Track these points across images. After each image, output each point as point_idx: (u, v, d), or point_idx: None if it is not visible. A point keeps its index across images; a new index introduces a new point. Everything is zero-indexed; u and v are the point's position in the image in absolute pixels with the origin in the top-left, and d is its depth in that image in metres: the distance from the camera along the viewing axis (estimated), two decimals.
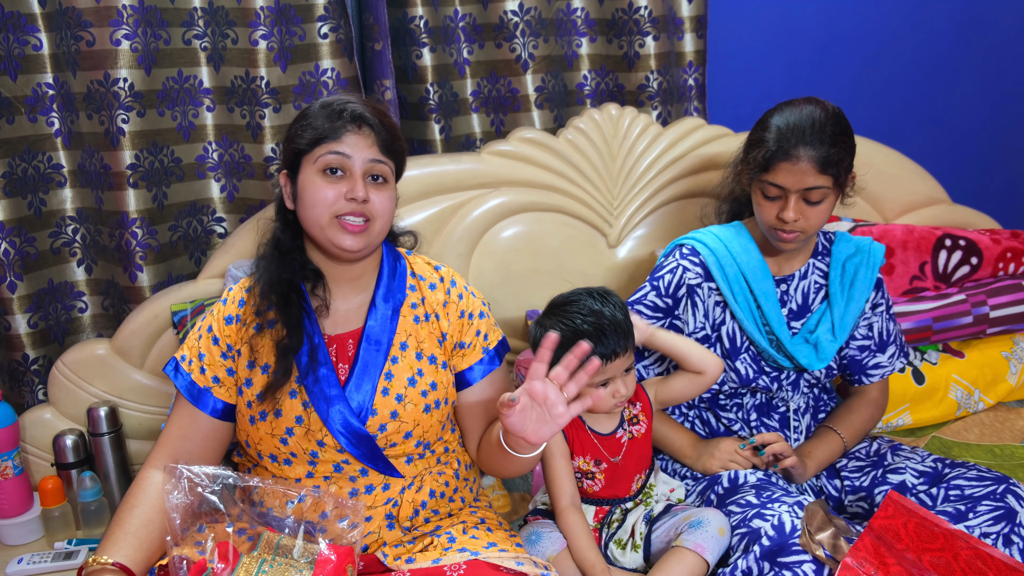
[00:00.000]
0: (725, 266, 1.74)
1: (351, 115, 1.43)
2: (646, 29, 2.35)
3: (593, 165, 2.24)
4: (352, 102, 1.45)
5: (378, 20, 2.16)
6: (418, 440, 1.49)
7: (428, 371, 1.50)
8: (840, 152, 1.60)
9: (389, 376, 1.47)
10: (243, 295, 1.52)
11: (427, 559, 1.38)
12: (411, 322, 1.52)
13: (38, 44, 1.98)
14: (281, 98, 2.09)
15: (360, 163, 1.42)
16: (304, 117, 1.46)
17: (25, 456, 1.97)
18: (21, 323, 2.06)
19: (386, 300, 1.51)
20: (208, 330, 1.52)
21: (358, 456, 1.45)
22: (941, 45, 2.77)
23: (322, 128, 1.42)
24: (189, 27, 2.06)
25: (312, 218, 1.42)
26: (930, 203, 2.45)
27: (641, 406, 1.67)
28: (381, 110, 1.48)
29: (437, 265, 1.60)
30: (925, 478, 1.66)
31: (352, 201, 1.40)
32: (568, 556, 1.54)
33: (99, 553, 1.34)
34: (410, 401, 1.47)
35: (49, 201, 2.09)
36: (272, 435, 1.46)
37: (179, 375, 1.52)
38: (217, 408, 1.51)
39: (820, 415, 1.84)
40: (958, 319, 2.14)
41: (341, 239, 1.42)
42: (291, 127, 1.48)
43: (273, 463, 1.49)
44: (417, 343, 1.51)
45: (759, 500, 1.54)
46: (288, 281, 1.47)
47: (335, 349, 1.49)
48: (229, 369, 1.51)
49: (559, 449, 1.60)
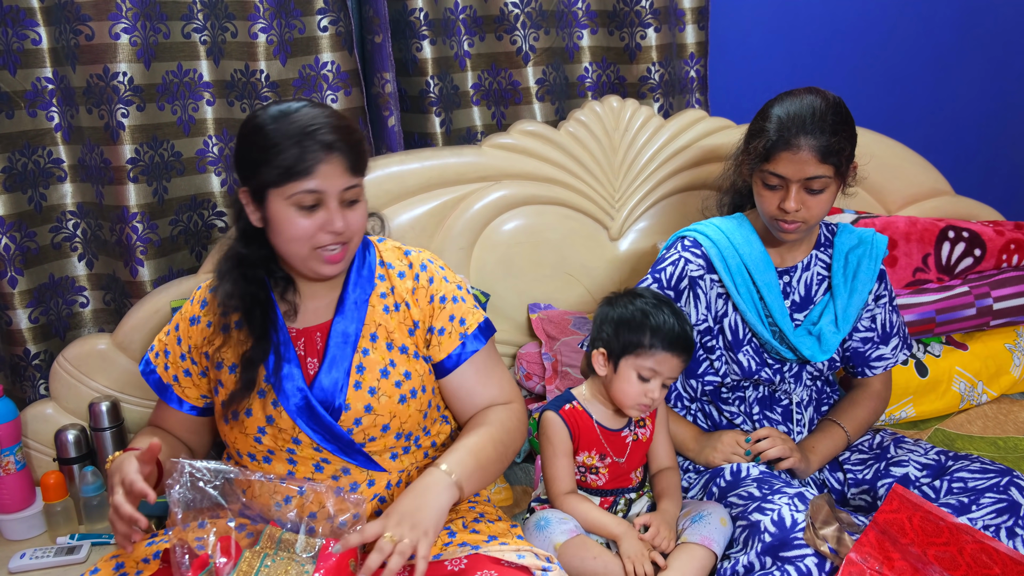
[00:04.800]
0: (727, 258, 1.73)
1: (320, 145, 1.33)
2: (647, 20, 2.34)
3: (595, 158, 2.23)
4: (317, 125, 1.34)
5: (378, 13, 2.16)
6: (398, 432, 1.47)
7: (400, 361, 1.48)
8: (841, 141, 1.60)
9: (360, 369, 1.45)
10: (207, 295, 1.52)
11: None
12: (380, 312, 1.49)
13: (37, 38, 1.98)
14: (281, 91, 2.09)
15: (335, 193, 1.36)
16: (263, 139, 1.34)
17: (27, 451, 1.97)
18: (22, 318, 2.06)
19: (354, 291, 1.49)
20: (176, 328, 1.55)
21: (333, 451, 1.44)
22: (944, 36, 2.76)
23: (290, 162, 1.32)
24: (188, 20, 2.06)
25: (291, 251, 1.39)
26: (933, 194, 2.44)
27: (650, 412, 1.67)
28: (347, 124, 1.39)
29: (408, 250, 1.56)
30: (928, 471, 1.65)
31: (332, 233, 1.37)
32: (577, 543, 1.51)
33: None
34: (384, 393, 1.45)
35: (49, 196, 2.09)
36: (245, 434, 1.46)
37: (148, 370, 1.57)
38: (184, 405, 1.56)
39: (823, 408, 1.84)
40: (961, 311, 2.13)
41: (321, 268, 1.40)
42: (246, 146, 1.38)
43: (253, 461, 1.49)
44: (387, 333, 1.49)
45: (761, 493, 1.54)
46: (253, 295, 1.44)
47: (303, 343, 1.47)
48: (186, 371, 1.54)
49: (562, 448, 1.59)
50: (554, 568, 1.36)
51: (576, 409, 1.62)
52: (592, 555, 1.50)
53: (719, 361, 1.76)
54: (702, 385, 1.78)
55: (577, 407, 1.62)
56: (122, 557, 1.40)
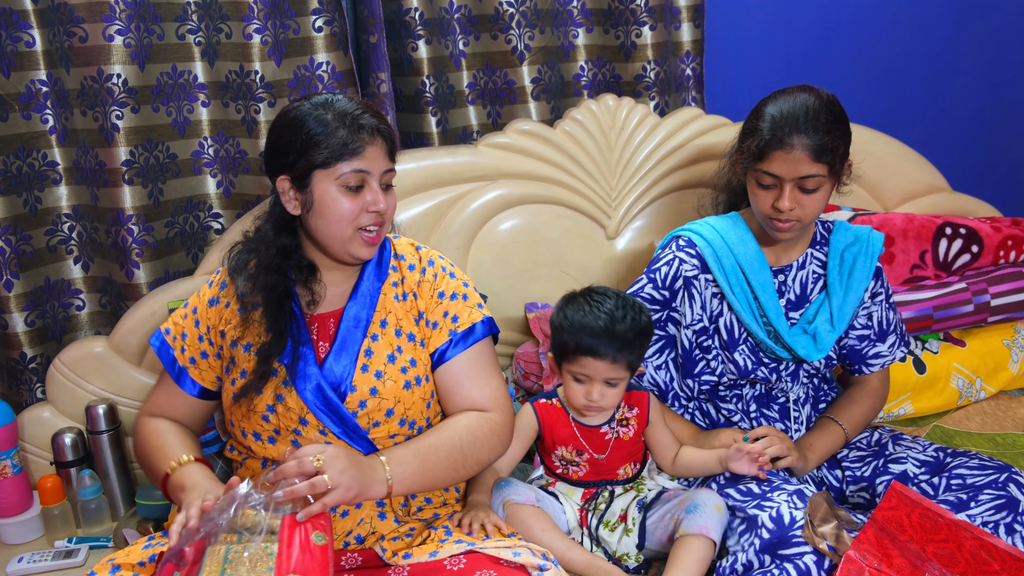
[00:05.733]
0: (722, 257, 1.73)
1: (370, 129, 1.43)
2: (643, 19, 2.33)
3: (591, 156, 2.23)
4: (363, 111, 1.44)
5: (373, 13, 2.15)
6: (401, 418, 1.49)
7: (407, 348, 1.52)
8: (835, 140, 1.59)
9: (369, 353, 1.49)
10: (226, 278, 1.57)
11: (424, 552, 1.38)
12: (392, 300, 1.55)
13: (31, 41, 1.97)
14: (276, 92, 2.08)
15: (378, 175, 1.45)
16: (309, 125, 1.42)
17: (24, 455, 1.97)
18: (18, 321, 2.05)
19: (368, 280, 1.55)
20: (193, 311, 1.60)
21: (338, 434, 1.46)
22: (940, 33, 2.75)
23: (341, 143, 1.41)
24: (182, 22, 2.05)
25: (332, 231, 1.45)
26: (930, 191, 2.43)
27: (638, 412, 1.67)
28: (382, 113, 1.50)
29: (420, 246, 1.63)
30: (926, 468, 1.65)
31: (374, 213, 1.45)
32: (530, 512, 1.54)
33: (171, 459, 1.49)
34: (389, 377, 1.48)
35: (45, 199, 2.09)
36: (254, 412, 1.49)
37: (163, 348, 1.60)
38: (195, 389, 1.59)
39: (820, 405, 1.84)
40: (959, 308, 2.13)
41: (359, 251, 1.47)
42: (289, 134, 1.44)
43: (257, 442, 1.51)
44: (397, 320, 1.53)
45: (760, 490, 1.54)
46: (274, 285, 1.48)
47: (316, 328, 1.52)
48: (203, 352, 1.57)
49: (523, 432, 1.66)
50: (550, 566, 1.36)
51: (553, 405, 1.67)
52: (541, 527, 1.53)
53: (715, 361, 1.76)
54: (699, 384, 1.78)
55: (556, 404, 1.67)
56: (119, 560, 1.39)
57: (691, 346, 1.75)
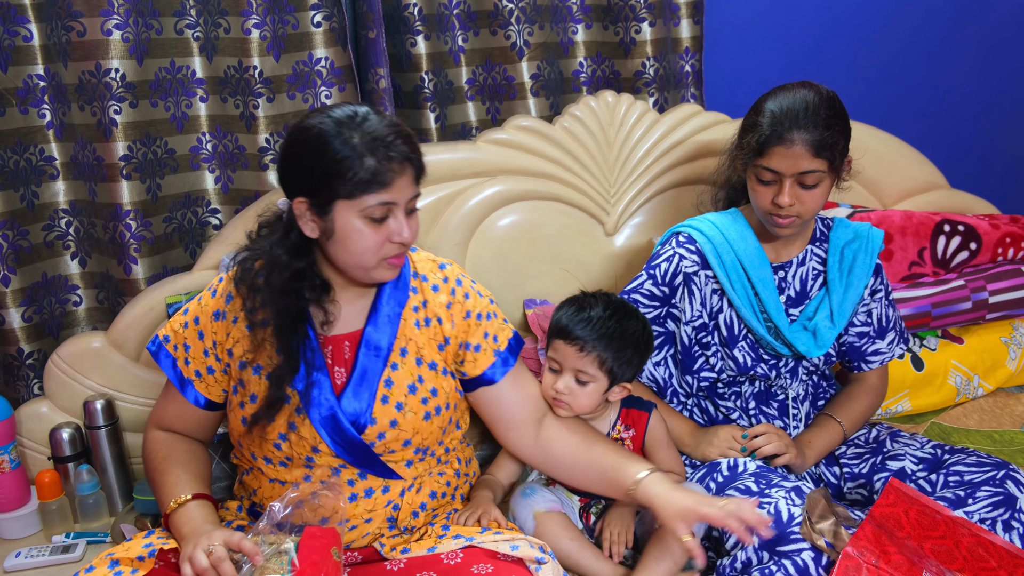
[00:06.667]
0: (722, 253, 1.73)
1: (397, 158, 1.32)
2: (642, 15, 2.33)
3: (590, 153, 2.23)
4: (394, 137, 1.32)
5: (372, 8, 2.15)
6: (417, 447, 1.47)
7: (428, 377, 1.47)
8: (834, 135, 1.59)
9: (389, 383, 1.44)
10: (231, 289, 1.46)
11: (422, 548, 1.38)
12: (412, 326, 1.47)
13: (28, 35, 1.96)
14: (275, 88, 2.08)
15: (404, 203, 1.36)
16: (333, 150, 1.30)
17: (22, 450, 1.97)
18: (15, 317, 2.05)
19: (388, 303, 1.46)
20: (195, 321, 1.49)
21: (353, 462, 1.43)
22: (939, 30, 2.75)
23: (368, 175, 1.29)
24: (181, 16, 2.05)
25: (354, 261, 1.36)
26: (929, 188, 2.43)
27: (634, 434, 1.66)
28: (412, 133, 1.38)
29: (442, 263, 1.55)
30: (924, 464, 1.65)
31: (399, 244, 1.36)
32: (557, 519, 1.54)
33: (170, 498, 1.41)
34: (410, 409, 1.44)
35: (42, 194, 2.08)
36: (265, 440, 1.44)
37: (164, 358, 1.51)
38: (200, 401, 1.51)
39: (819, 402, 1.84)
40: (957, 305, 2.13)
41: (383, 275, 1.40)
42: (310, 156, 1.32)
43: (268, 465, 1.47)
44: (417, 348, 1.47)
45: (758, 487, 1.54)
46: (287, 308, 1.39)
47: (331, 351, 1.45)
48: (210, 367, 1.49)
49: None
50: (548, 559, 1.36)
51: None
52: (568, 535, 1.52)
53: (715, 357, 1.76)
54: (698, 381, 1.78)
55: None
56: (117, 555, 1.39)
57: (690, 342, 1.75)
